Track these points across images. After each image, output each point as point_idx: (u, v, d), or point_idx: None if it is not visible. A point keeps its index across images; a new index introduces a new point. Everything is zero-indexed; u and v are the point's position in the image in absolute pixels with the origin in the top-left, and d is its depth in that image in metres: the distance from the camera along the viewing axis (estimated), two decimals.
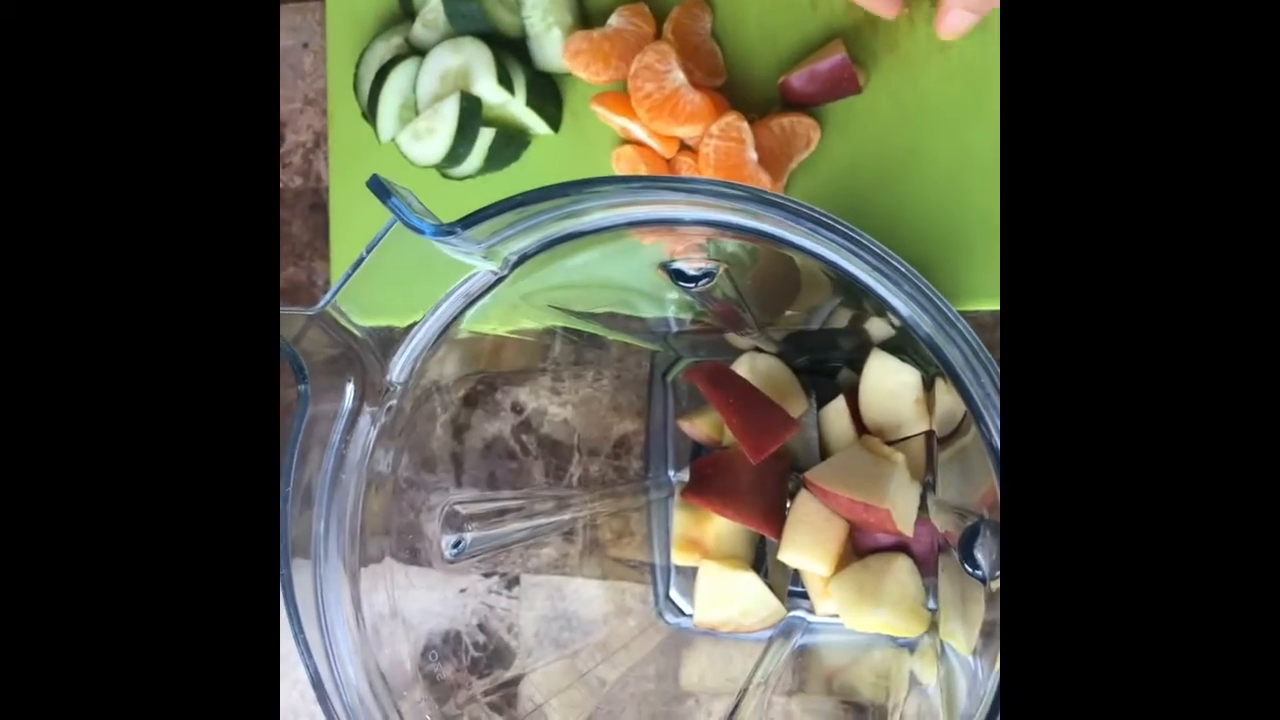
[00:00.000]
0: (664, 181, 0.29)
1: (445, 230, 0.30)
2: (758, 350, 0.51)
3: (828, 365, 0.52)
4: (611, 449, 0.59)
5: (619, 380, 0.59)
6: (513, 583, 0.61)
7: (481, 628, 0.61)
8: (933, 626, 0.44)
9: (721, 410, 0.47)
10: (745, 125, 0.51)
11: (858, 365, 0.49)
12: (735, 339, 0.51)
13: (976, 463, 0.32)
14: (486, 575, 0.62)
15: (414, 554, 0.43)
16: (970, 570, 0.32)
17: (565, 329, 0.56)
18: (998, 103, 0.50)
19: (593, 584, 0.59)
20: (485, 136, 0.55)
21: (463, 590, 0.60)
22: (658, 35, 0.54)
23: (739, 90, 0.54)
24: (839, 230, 0.28)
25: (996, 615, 0.32)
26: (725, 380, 0.49)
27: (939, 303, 0.27)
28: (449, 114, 0.53)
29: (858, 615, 0.46)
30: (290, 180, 0.65)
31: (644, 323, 0.51)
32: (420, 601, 0.46)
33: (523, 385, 0.61)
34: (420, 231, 0.29)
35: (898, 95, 0.52)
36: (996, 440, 0.27)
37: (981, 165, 0.51)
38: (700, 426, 0.51)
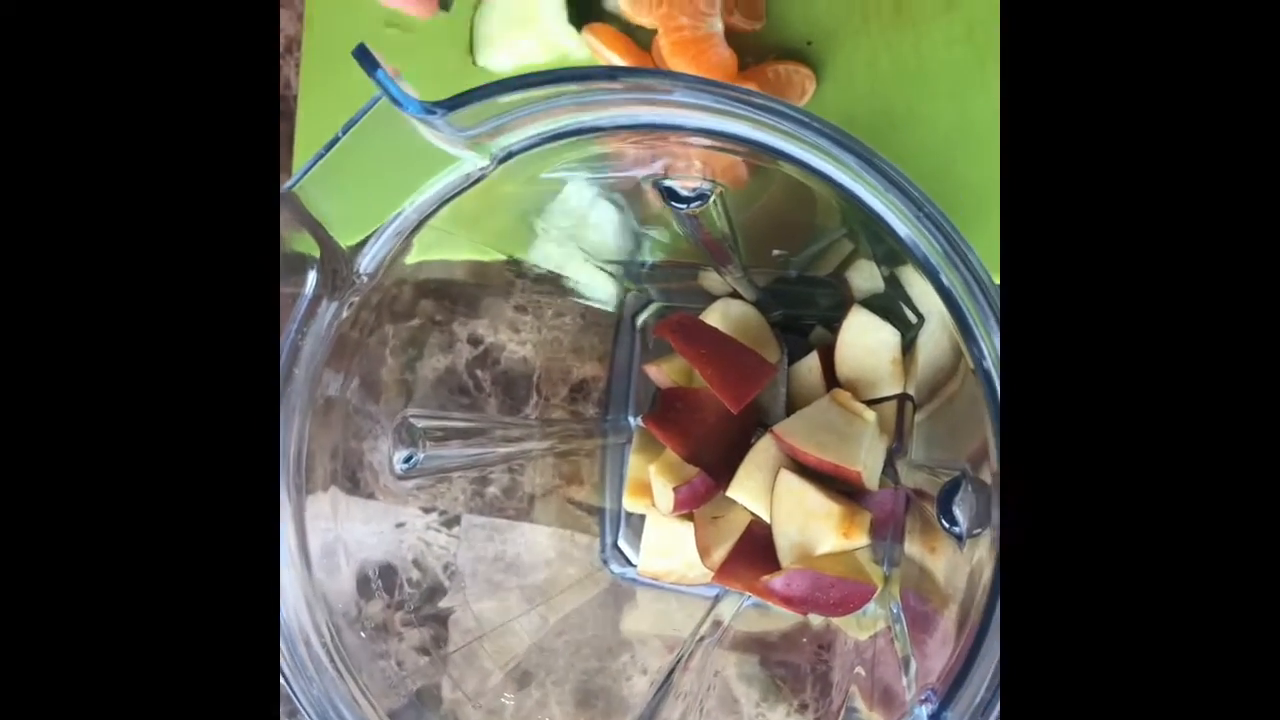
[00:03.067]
0: (674, 78, 0.28)
1: (430, 109, 0.28)
2: (732, 297, 0.49)
3: (801, 322, 0.51)
4: (569, 392, 0.58)
5: (583, 321, 0.57)
6: (453, 522, 0.60)
7: (417, 564, 0.59)
8: (886, 590, 0.43)
9: (695, 363, 0.46)
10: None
11: (833, 325, 0.48)
12: (710, 283, 0.50)
13: (964, 414, 0.31)
14: (426, 511, 0.60)
15: (354, 484, 0.42)
16: (947, 526, 0.30)
17: (534, 266, 0.54)
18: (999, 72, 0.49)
19: (537, 529, 0.57)
20: None
21: (400, 525, 0.58)
22: None
23: (769, 37, 0.52)
24: (851, 148, 0.27)
25: (967, 573, 0.31)
26: (696, 332, 0.47)
27: (949, 229, 0.26)
28: None
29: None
30: None
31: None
32: (355, 533, 0.44)
33: (482, 318, 0.58)
34: (403, 107, 0.28)
35: (898, 52, 0.50)
36: (990, 369, 0.25)
37: (979, 134, 0.49)
38: (668, 373, 0.49)
